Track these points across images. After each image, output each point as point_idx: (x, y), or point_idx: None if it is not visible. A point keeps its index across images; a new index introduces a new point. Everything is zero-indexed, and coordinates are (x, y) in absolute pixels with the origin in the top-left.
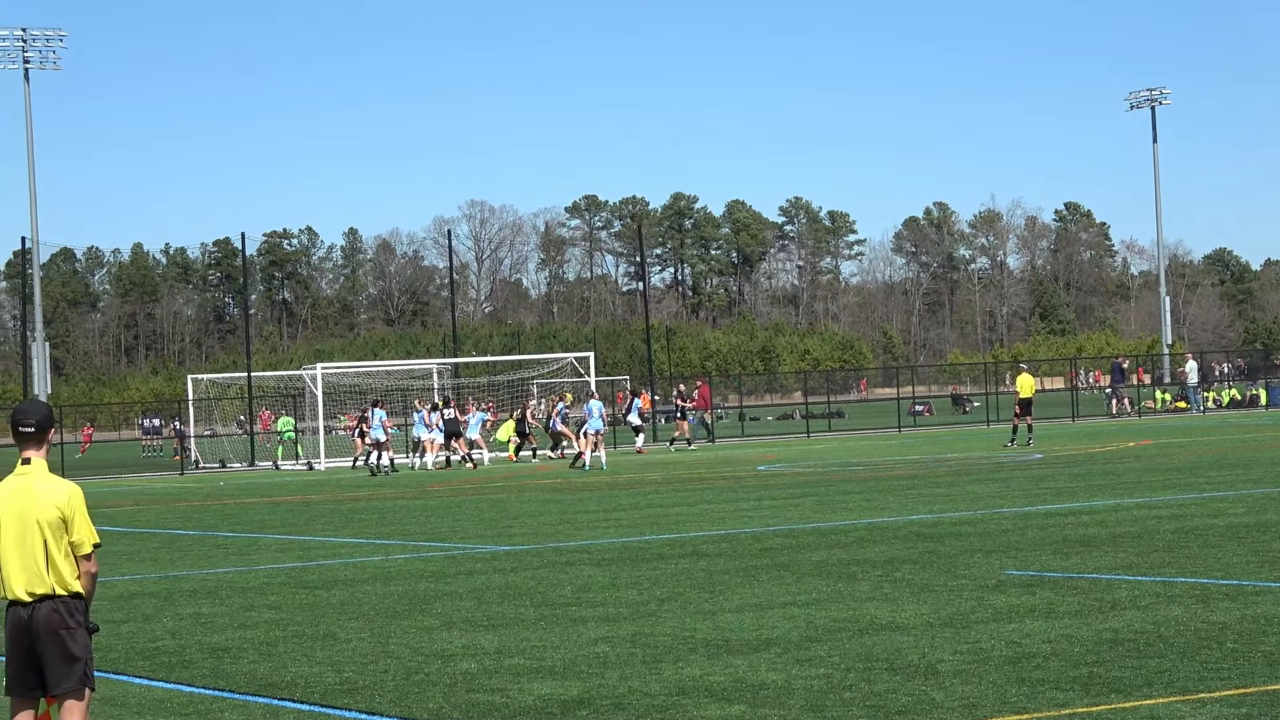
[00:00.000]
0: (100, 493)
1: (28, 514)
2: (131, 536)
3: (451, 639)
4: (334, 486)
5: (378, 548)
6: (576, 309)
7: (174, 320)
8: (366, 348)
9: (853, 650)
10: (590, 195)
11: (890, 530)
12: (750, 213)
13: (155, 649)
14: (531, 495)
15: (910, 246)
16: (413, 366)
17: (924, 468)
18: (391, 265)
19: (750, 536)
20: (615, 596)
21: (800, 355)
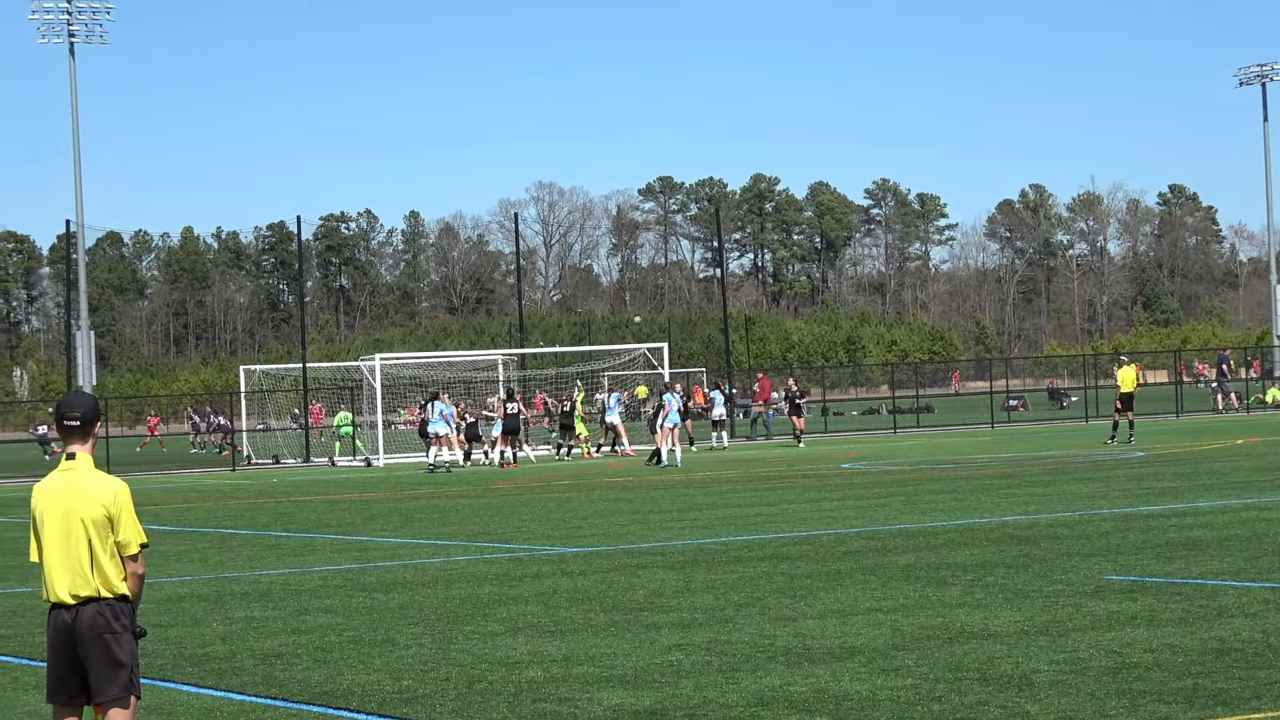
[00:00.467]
0: (147, 490)
1: (72, 512)
2: (180, 536)
3: (516, 646)
4: (393, 484)
5: (439, 549)
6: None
7: (225, 308)
8: (428, 337)
9: (942, 659)
10: (665, 176)
11: (982, 532)
12: (834, 195)
13: (205, 654)
14: (601, 494)
15: (1004, 231)
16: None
17: (1018, 466)
18: (455, 250)
19: (833, 538)
20: (690, 601)
21: (887, 346)
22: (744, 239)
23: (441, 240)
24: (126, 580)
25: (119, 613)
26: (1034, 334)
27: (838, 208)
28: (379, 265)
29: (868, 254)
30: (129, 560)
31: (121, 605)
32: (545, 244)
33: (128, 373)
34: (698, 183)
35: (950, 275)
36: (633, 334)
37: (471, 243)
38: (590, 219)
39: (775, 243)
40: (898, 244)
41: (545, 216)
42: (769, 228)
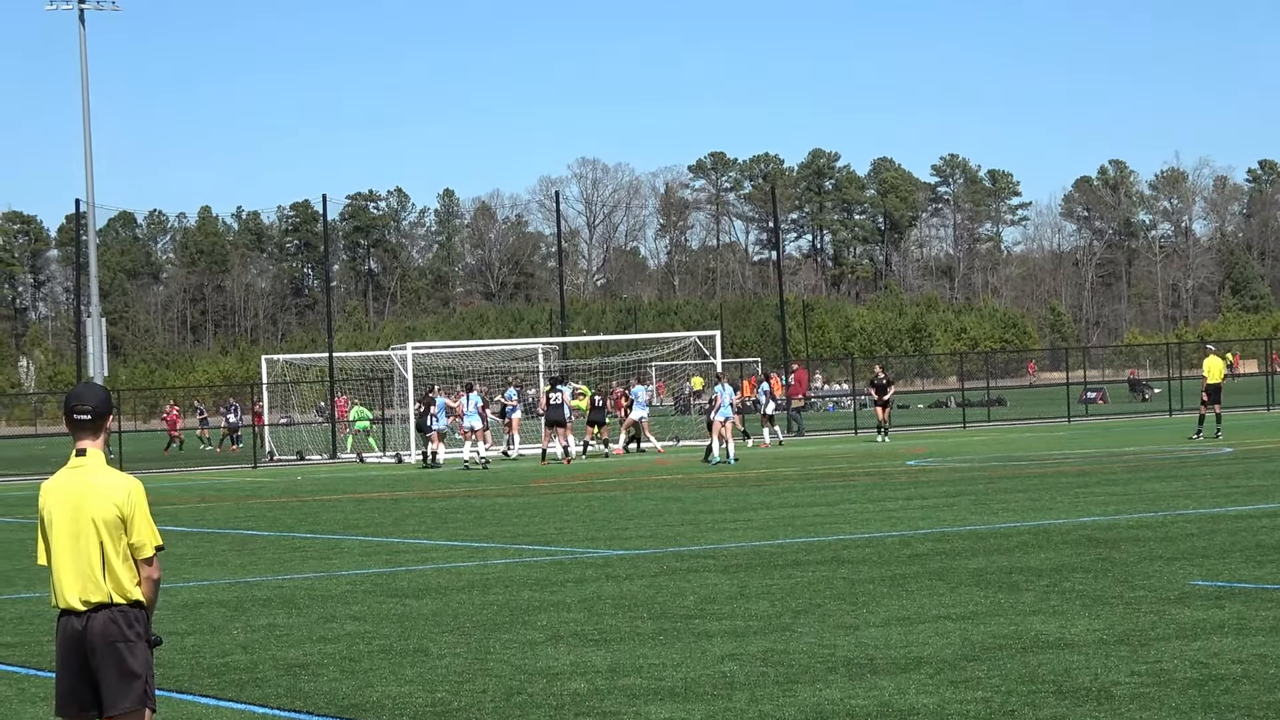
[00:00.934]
0: (163, 488)
1: (83, 512)
2: (198, 537)
3: (558, 655)
4: (425, 482)
5: (475, 551)
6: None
7: (246, 294)
8: (463, 325)
9: (1015, 671)
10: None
11: (1058, 534)
12: (899, 172)
13: (224, 664)
14: (649, 493)
15: (1082, 211)
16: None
17: (1097, 463)
18: (491, 232)
19: (898, 540)
20: (744, 608)
21: (956, 334)
22: (801, 219)
23: (477, 221)
24: (140, 585)
25: (132, 620)
26: (1113, 321)
27: (902, 185)
28: (410, 248)
29: (935, 235)
30: (143, 564)
31: (135, 612)
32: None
33: (141, 363)
34: (752, 159)
35: (1023, 258)
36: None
37: (509, 223)
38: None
39: (835, 223)
40: (967, 224)
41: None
42: (828, 207)
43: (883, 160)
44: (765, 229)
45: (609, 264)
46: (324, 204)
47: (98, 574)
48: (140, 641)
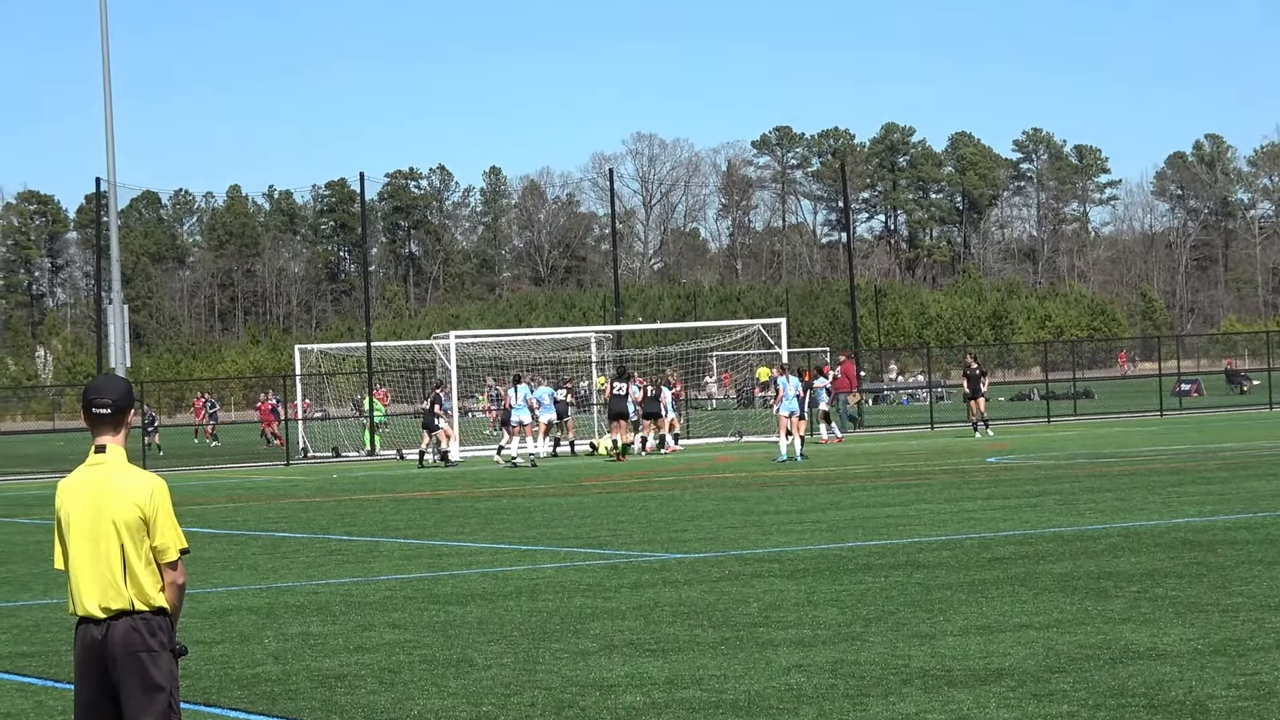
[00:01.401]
0: (189, 487)
1: (102, 514)
2: (226, 540)
3: (612, 666)
4: (469, 481)
5: (523, 555)
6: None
7: (278, 279)
8: (510, 312)
9: (1103, 683)
10: (783, 127)
11: (1149, 536)
12: (978, 148)
13: (255, 675)
14: (709, 492)
15: (1175, 189)
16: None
17: (1191, 460)
18: (541, 212)
19: (977, 543)
20: (811, 616)
21: (1039, 322)
22: (874, 199)
23: (526, 200)
24: (164, 591)
25: (156, 628)
26: (1209, 307)
27: (982, 162)
28: (454, 229)
29: (1017, 215)
30: (167, 568)
31: (159, 619)
32: (644, 204)
33: (166, 353)
34: (820, 134)
35: (1112, 240)
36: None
37: (560, 203)
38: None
39: (910, 203)
40: (1051, 204)
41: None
42: (902, 185)
43: (961, 135)
44: (835, 209)
45: (666, 247)
46: (361, 183)
47: (119, 579)
48: (164, 651)
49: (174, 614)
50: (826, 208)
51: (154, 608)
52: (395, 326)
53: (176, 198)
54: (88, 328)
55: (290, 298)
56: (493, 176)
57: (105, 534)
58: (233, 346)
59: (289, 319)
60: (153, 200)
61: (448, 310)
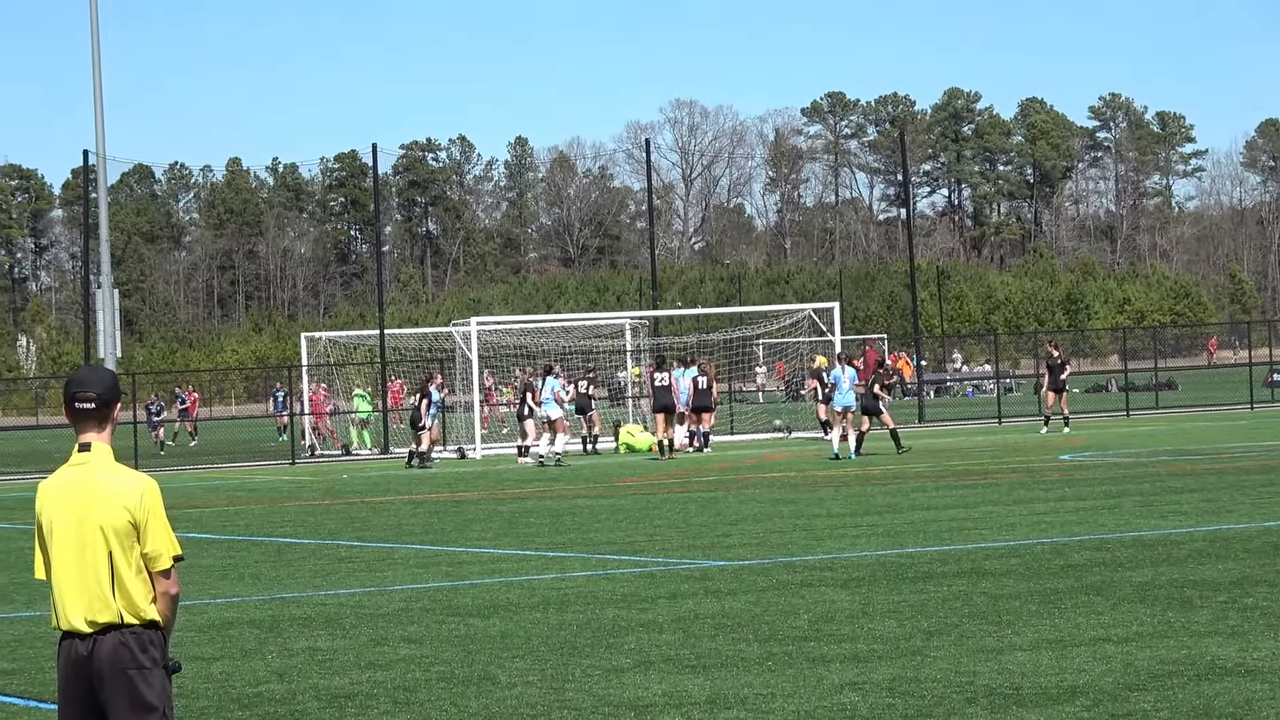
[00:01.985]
0: (185, 488)
1: (88, 518)
2: (227, 546)
3: (649, 684)
4: (492, 481)
5: (551, 562)
6: (817, 245)
7: (283, 261)
8: (537, 296)
9: (1187, 701)
10: (835, 93)
11: (1239, 541)
12: (1051, 115)
13: (257, 695)
14: (755, 493)
15: (1267, 160)
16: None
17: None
18: (571, 187)
19: (1049, 549)
20: (867, 629)
21: (1118, 306)
22: (936, 171)
23: (554, 174)
24: (156, 602)
25: (147, 643)
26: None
27: (1055, 131)
28: (475, 206)
29: (1093, 189)
30: (159, 577)
31: (150, 634)
32: (684, 178)
33: (160, 341)
34: (877, 100)
35: (1198, 216)
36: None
37: (592, 177)
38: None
39: (975, 176)
40: (1131, 176)
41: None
42: (967, 157)
43: (1031, 101)
44: (893, 183)
45: (708, 224)
46: (374, 155)
47: (106, 590)
48: (156, 668)
49: (167, 627)
50: (884, 181)
51: (145, 621)
52: (411, 312)
53: (171, 172)
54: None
55: (296, 281)
56: (518, 148)
57: (91, 540)
58: (233, 335)
59: (294, 304)
60: (145, 174)
61: (468, 294)
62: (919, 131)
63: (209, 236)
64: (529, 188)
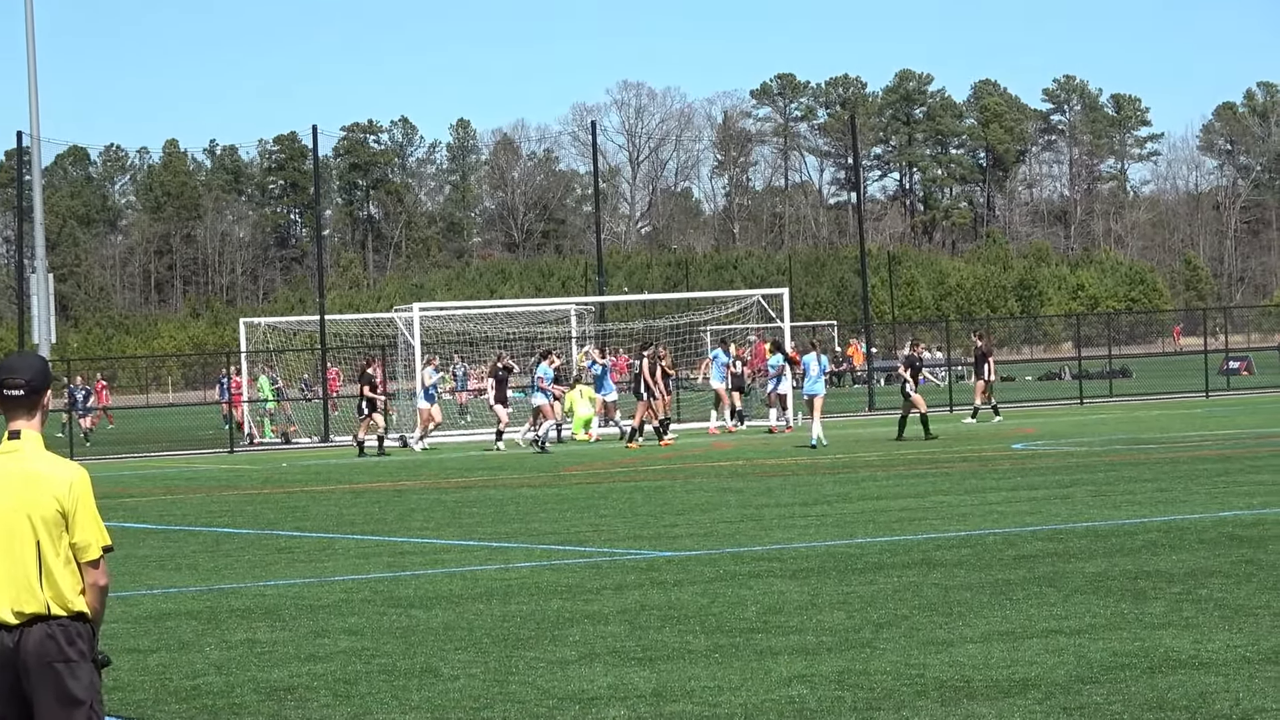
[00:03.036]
0: (121, 477)
1: (16, 507)
2: (163, 536)
3: (594, 676)
4: (435, 470)
5: (494, 553)
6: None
7: (221, 245)
8: (480, 281)
9: (1140, 694)
10: (785, 75)
11: (1193, 532)
12: (1004, 97)
13: (195, 688)
14: (702, 482)
15: (1224, 144)
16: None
17: (1241, 446)
18: (515, 170)
19: (1001, 540)
20: (816, 620)
21: (1071, 293)
22: (887, 155)
23: (498, 157)
24: (85, 594)
25: (75, 635)
26: (1261, 276)
27: (1008, 114)
28: (418, 189)
29: (1046, 173)
30: (88, 568)
31: (78, 626)
32: (631, 162)
33: (96, 327)
34: (827, 82)
35: (1153, 201)
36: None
37: (537, 160)
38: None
39: (927, 160)
40: (1085, 160)
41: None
42: (919, 140)
43: (984, 84)
44: (843, 166)
45: (655, 209)
46: (314, 137)
47: (33, 580)
48: (84, 661)
49: (96, 620)
50: (834, 165)
51: (73, 613)
52: (352, 298)
53: (107, 154)
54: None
55: (235, 266)
56: (461, 130)
57: (19, 530)
58: (170, 320)
59: (233, 289)
60: (81, 157)
61: (410, 279)
62: (870, 114)
63: (146, 220)
64: (472, 171)
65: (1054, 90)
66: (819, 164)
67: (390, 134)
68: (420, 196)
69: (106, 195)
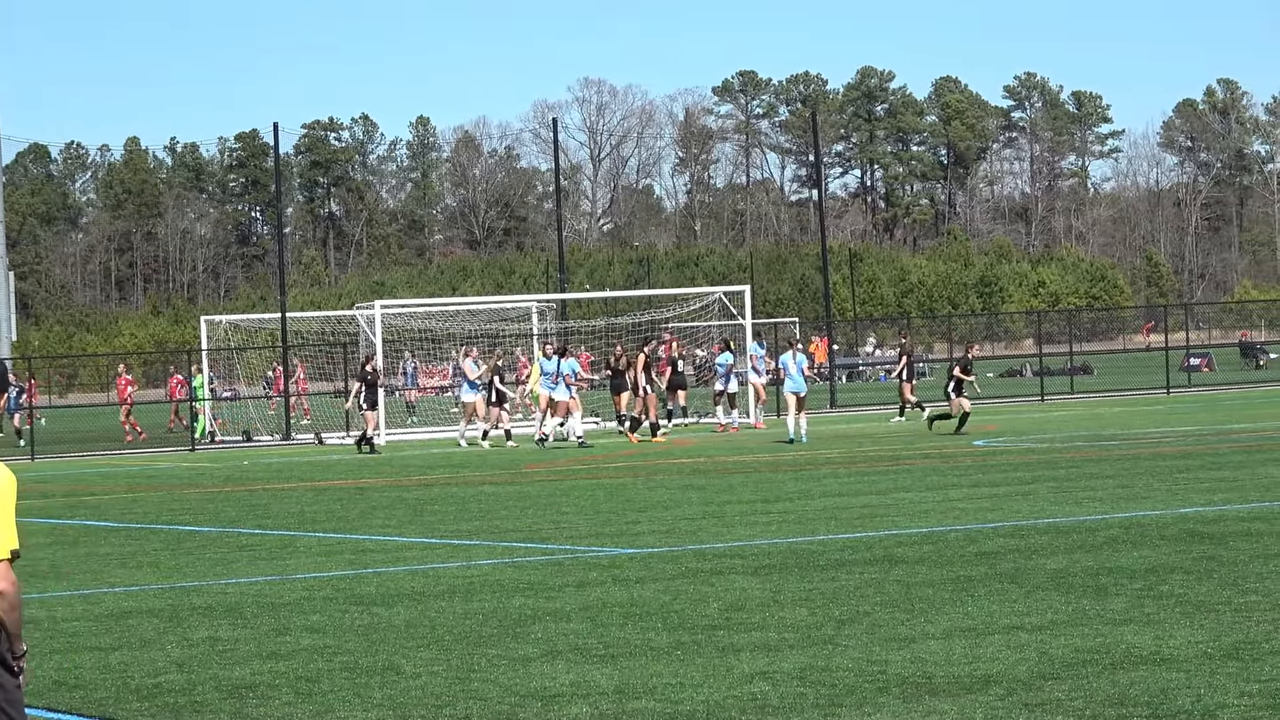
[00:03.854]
0: (83, 474)
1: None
2: (125, 534)
3: (556, 673)
4: (397, 468)
5: (456, 550)
6: (727, 227)
7: (182, 242)
8: (442, 279)
9: (1102, 690)
10: (747, 72)
11: (1155, 528)
12: (965, 95)
13: (156, 685)
14: (664, 479)
15: (1185, 141)
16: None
17: (1202, 442)
18: (476, 167)
19: (963, 536)
20: (778, 617)
21: (1032, 289)
22: (848, 152)
23: (459, 154)
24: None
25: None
26: (1222, 273)
27: (969, 111)
28: (379, 187)
29: (1008, 170)
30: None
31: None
32: (592, 159)
33: (57, 324)
34: (789, 79)
35: (1114, 198)
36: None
37: (498, 157)
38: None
39: (888, 157)
40: (1046, 157)
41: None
42: (880, 137)
43: (945, 81)
44: (805, 164)
45: (617, 206)
46: (275, 134)
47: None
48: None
49: (11, 629)
50: (796, 162)
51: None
52: (314, 295)
53: (68, 151)
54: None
55: (196, 263)
56: (421, 127)
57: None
58: (131, 318)
59: (194, 287)
60: (41, 154)
61: (372, 277)
62: (831, 111)
63: (106, 218)
64: (433, 168)
65: (1015, 87)
66: (780, 161)
67: (351, 131)
68: (381, 194)
69: (67, 193)
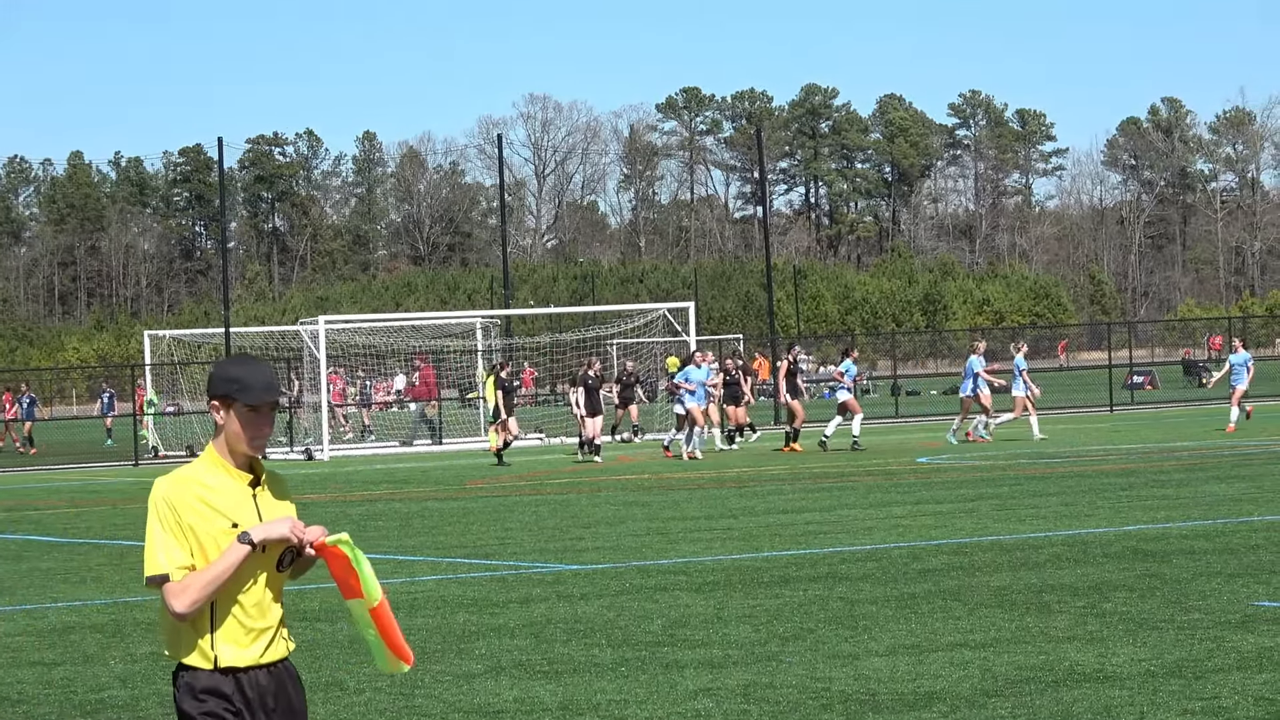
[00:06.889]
0: (25, 490)
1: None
2: (68, 549)
3: (500, 690)
4: (340, 483)
5: (399, 566)
6: (672, 243)
7: (126, 257)
8: (386, 294)
9: (1045, 707)
10: (691, 88)
11: (1098, 545)
12: (909, 112)
13: (100, 701)
14: (608, 495)
15: (1128, 159)
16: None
17: (1145, 460)
18: (421, 183)
19: (906, 553)
20: (722, 634)
21: (977, 307)
22: (792, 168)
23: (404, 170)
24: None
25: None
26: (1165, 290)
27: (913, 128)
28: (323, 202)
29: (952, 188)
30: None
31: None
32: (537, 175)
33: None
34: (733, 96)
35: (1058, 215)
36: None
37: (442, 173)
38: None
39: (832, 174)
40: (990, 175)
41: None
42: (824, 154)
43: (890, 98)
44: (749, 180)
45: (562, 222)
46: (220, 149)
47: None
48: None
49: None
50: (740, 179)
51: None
52: (257, 310)
53: (11, 165)
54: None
55: (139, 278)
56: (366, 143)
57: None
58: (75, 333)
59: (138, 302)
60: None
61: (315, 292)
62: (775, 128)
63: (49, 232)
64: (378, 183)
65: (959, 105)
66: (725, 177)
67: (296, 146)
68: (326, 209)
69: (10, 207)
